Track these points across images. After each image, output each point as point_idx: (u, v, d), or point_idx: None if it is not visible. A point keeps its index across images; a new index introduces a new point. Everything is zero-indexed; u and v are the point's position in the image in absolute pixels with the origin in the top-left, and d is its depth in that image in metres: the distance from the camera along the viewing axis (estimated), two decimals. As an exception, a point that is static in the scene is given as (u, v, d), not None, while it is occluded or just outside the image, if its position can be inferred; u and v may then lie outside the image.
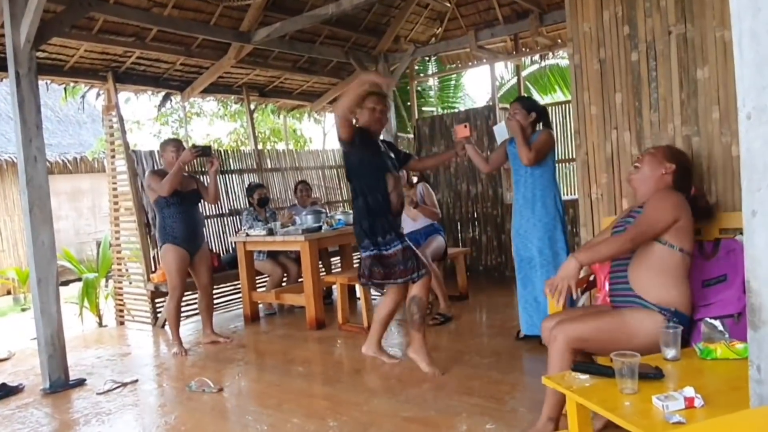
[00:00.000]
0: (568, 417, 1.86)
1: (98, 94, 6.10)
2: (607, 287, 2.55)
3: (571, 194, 6.82)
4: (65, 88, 6.42)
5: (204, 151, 4.27)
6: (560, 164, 6.96)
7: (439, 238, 5.09)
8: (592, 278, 2.88)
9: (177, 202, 4.27)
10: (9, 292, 9.80)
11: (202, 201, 4.53)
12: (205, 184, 4.53)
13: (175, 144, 4.40)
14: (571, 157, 6.74)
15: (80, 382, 3.87)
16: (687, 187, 2.41)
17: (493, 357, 3.68)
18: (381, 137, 3.66)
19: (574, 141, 3.36)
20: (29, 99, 3.74)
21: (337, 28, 6.45)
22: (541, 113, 3.82)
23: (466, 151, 3.68)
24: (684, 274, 2.24)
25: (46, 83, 5.68)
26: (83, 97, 6.39)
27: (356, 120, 3.50)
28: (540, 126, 3.80)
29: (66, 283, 8.07)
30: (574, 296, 2.30)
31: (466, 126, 3.59)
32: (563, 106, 6.91)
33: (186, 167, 4.32)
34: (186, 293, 5.47)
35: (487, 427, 2.69)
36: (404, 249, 3.44)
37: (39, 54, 4.02)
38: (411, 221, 5.13)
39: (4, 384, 3.79)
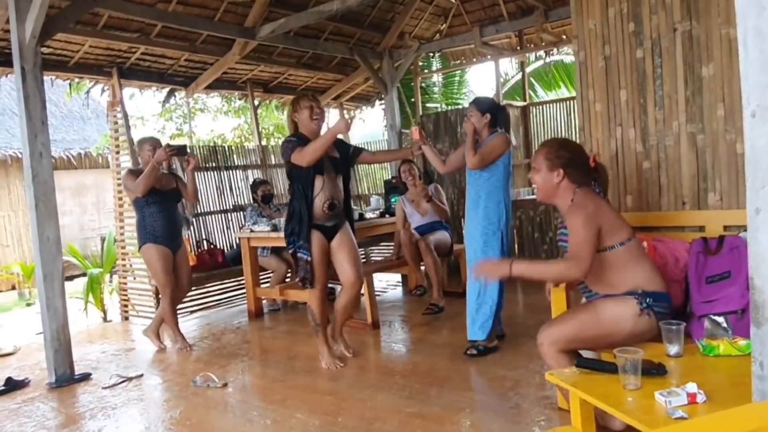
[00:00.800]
0: (572, 412, 1.87)
1: (103, 90, 6.12)
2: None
3: (575, 191, 6.80)
4: (70, 84, 6.43)
5: (179, 151, 4.15)
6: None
7: (445, 233, 5.27)
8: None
9: (157, 200, 4.20)
10: (14, 287, 9.86)
11: (182, 200, 4.48)
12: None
13: (152, 143, 4.29)
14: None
15: (85, 377, 3.90)
16: (585, 174, 2.39)
17: (496, 353, 3.69)
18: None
19: (578, 138, 3.36)
20: (34, 94, 3.75)
21: (342, 24, 6.45)
22: (497, 114, 3.68)
23: (422, 151, 3.68)
24: (636, 259, 2.26)
25: (51, 79, 5.70)
26: (88, 92, 6.41)
27: (294, 123, 3.61)
28: (499, 130, 3.66)
29: (71, 279, 8.10)
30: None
31: (416, 129, 3.64)
32: (567, 102, 6.90)
33: (164, 165, 4.25)
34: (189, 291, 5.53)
35: (490, 423, 2.70)
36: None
37: (44, 50, 4.04)
38: (419, 216, 5.25)
39: (9, 378, 3.82)
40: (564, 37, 6.44)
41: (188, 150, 4.32)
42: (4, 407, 3.47)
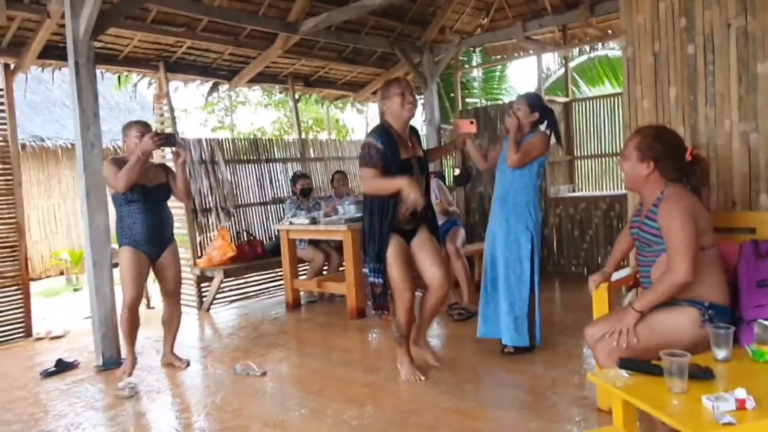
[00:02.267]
0: (614, 414, 1.85)
1: (150, 83, 6.28)
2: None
3: (617, 189, 6.68)
4: (119, 77, 6.63)
5: (167, 140, 3.54)
6: (608, 158, 6.83)
7: (461, 229, 5.08)
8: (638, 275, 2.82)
9: (138, 198, 3.56)
10: (62, 273, 10.23)
11: (171, 197, 3.79)
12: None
13: (139, 128, 3.62)
14: (618, 151, 6.59)
15: (131, 361, 4.02)
16: (679, 169, 2.25)
17: (533, 351, 3.66)
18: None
19: (623, 135, 3.29)
20: (87, 88, 3.88)
21: (383, 19, 6.46)
22: (545, 115, 3.58)
23: (465, 146, 3.59)
24: (712, 268, 2.18)
25: (101, 72, 5.87)
26: (135, 85, 6.58)
27: (383, 111, 3.28)
28: (541, 128, 3.58)
29: (115, 266, 8.35)
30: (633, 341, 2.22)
31: (472, 122, 3.44)
32: (612, 98, 6.75)
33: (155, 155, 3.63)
34: (229, 278, 5.64)
35: (527, 421, 2.69)
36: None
37: (96, 44, 4.16)
38: None
39: (60, 360, 3.98)
40: (610, 31, 6.30)
41: (178, 140, 3.64)
42: (56, 387, 3.62)
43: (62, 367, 3.92)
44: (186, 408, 3.21)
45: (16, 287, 4.90)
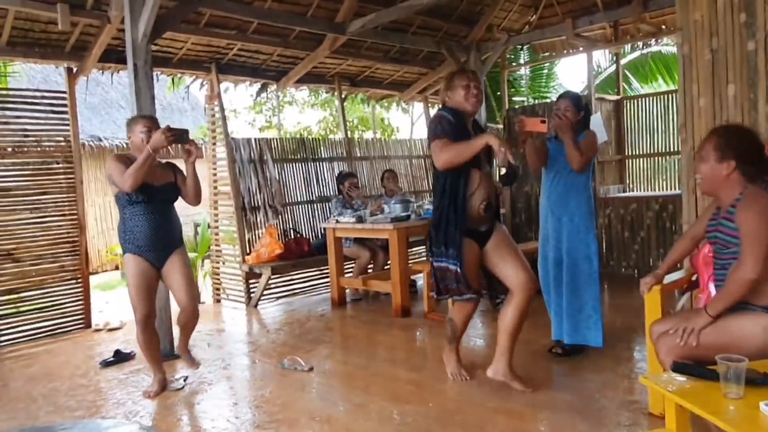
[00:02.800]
0: (666, 419, 1.81)
1: (202, 85, 6.47)
2: (711, 289, 2.44)
3: (670, 189, 6.49)
4: (172, 79, 6.85)
5: (180, 136, 3.21)
6: (661, 157, 6.64)
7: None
8: (694, 278, 2.75)
9: (143, 199, 3.21)
10: (117, 268, 10.65)
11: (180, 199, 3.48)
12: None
13: (146, 122, 3.34)
14: (672, 150, 6.40)
15: (183, 353, 4.16)
16: (759, 169, 2.18)
17: (581, 353, 3.60)
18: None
19: (678, 134, 3.20)
20: (145, 90, 4.04)
21: (430, 18, 6.46)
22: (587, 114, 3.55)
23: (525, 144, 3.35)
24: None
25: (157, 74, 6.09)
26: (188, 87, 6.79)
27: (445, 102, 3.05)
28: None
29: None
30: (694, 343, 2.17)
31: (544, 121, 3.03)
32: (666, 96, 6.56)
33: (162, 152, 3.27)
34: (276, 275, 5.76)
35: (574, 424, 2.65)
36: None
37: (152, 47, 4.31)
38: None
39: (118, 351, 4.16)
40: (664, 27, 6.12)
41: (188, 137, 3.32)
42: (114, 376, 3.79)
43: (120, 357, 4.09)
44: (236, 400, 3.30)
45: (76, 281, 5.13)
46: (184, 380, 3.58)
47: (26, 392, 3.55)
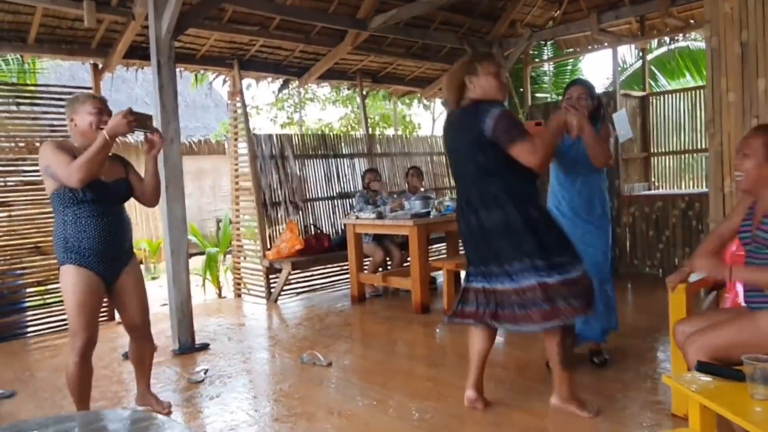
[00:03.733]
0: (690, 419, 1.77)
1: (224, 81, 6.52)
2: (738, 288, 2.37)
3: (697, 187, 6.36)
4: (195, 75, 6.92)
5: (142, 122, 2.67)
6: (687, 155, 6.51)
7: None
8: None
9: (93, 198, 2.62)
10: (141, 262, 10.78)
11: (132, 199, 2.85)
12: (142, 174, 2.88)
13: (98, 103, 2.70)
14: (698, 147, 6.27)
15: (204, 347, 4.21)
16: None
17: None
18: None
19: (705, 130, 3.13)
20: (168, 85, 4.08)
21: (452, 14, 6.41)
22: (601, 104, 3.25)
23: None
24: None
25: (180, 71, 6.15)
26: (211, 83, 6.85)
27: (471, 89, 2.63)
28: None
29: (190, 256, 8.75)
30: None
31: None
32: (693, 92, 6.42)
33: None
34: (296, 270, 5.78)
35: (595, 423, 2.61)
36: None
37: (175, 44, 4.35)
38: None
39: (140, 342, 4.18)
40: (692, 21, 5.99)
41: (152, 124, 2.82)
42: (136, 368, 3.84)
43: (142, 349, 4.12)
44: (256, 394, 3.33)
45: (101, 273, 5.20)
46: (204, 373, 3.62)
47: (51, 382, 3.62)
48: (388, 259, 5.91)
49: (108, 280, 2.72)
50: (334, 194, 6.66)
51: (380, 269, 5.86)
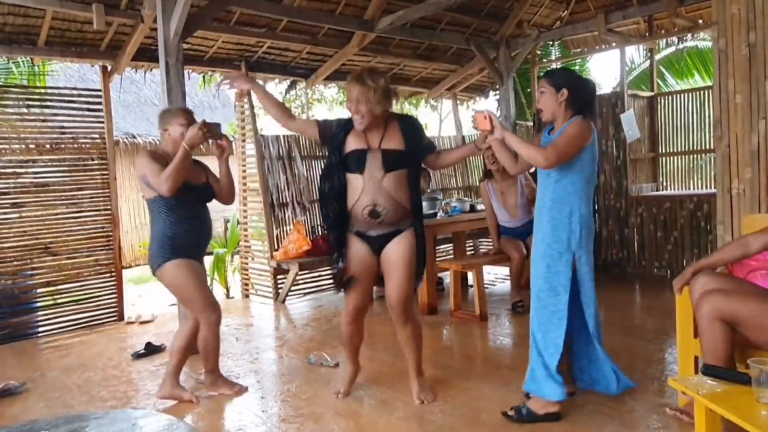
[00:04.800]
0: (696, 422, 1.77)
1: (232, 82, 6.54)
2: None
3: (705, 188, 6.33)
4: (203, 77, 6.96)
5: (214, 132, 3.01)
6: (696, 155, 6.47)
7: None
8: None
9: (190, 200, 3.02)
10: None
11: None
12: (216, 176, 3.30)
13: (186, 115, 3.09)
14: (707, 148, 6.24)
15: (212, 347, 4.24)
16: None
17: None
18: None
19: (713, 131, 3.12)
20: (176, 87, 4.11)
21: (459, 15, 6.41)
22: (578, 92, 2.63)
23: (488, 144, 2.76)
24: None
25: (188, 72, 6.18)
26: (218, 84, 6.88)
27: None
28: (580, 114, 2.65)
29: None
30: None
31: (486, 116, 2.61)
32: (701, 92, 6.39)
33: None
34: (304, 271, 5.79)
35: (602, 425, 2.61)
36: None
37: (183, 46, 4.38)
38: (507, 214, 4.95)
39: (149, 343, 4.25)
40: (701, 21, 5.96)
41: (221, 130, 3.14)
42: (145, 368, 3.88)
43: (151, 349, 4.18)
44: (263, 394, 3.34)
45: (110, 274, 5.27)
46: (213, 373, 3.65)
47: (62, 382, 3.66)
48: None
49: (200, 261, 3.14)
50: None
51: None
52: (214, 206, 3.33)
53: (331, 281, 6.22)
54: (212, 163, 3.39)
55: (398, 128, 2.88)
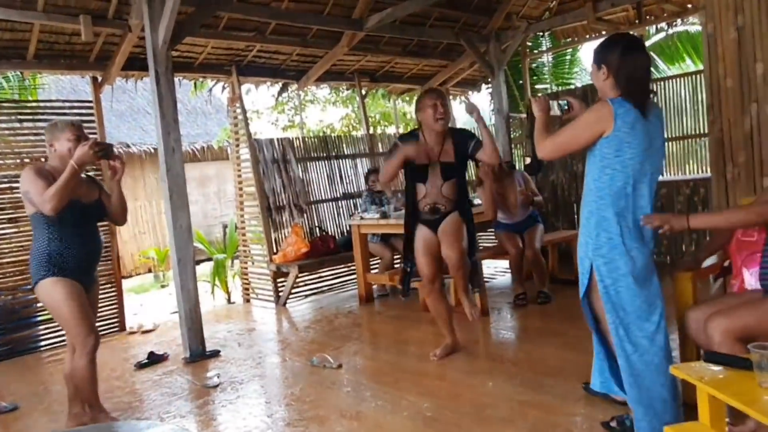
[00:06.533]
0: (699, 409, 1.77)
1: (223, 88, 6.53)
2: (745, 275, 2.37)
3: (702, 172, 6.32)
4: (195, 83, 6.93)
5: (106, 152, 2.84)
6: (690, 140, 6.47)
7: (540, 226, 5.06)
8: (727, 264, 2.68)
9: (75, 218, 2.83)
10: (150, 270, 10.88)
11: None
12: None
13: (74, 130, 2.89)
14: (702, 132, 6.24)
15: (215, 353, 4.23)
16: None
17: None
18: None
19: (706, 116, 3.12)
20: (167, 95, 4.10)
21: (447, 10, 6.39)
22: (620, 69, 2.20)
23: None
24: None
25: (179, 80, 6.16)
26: (210, 90, 6.87)
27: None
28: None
29: (198, 263, 8.78)
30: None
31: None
32: (693, 77, 6.39)
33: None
34: (303, 273, 5.79)
35: (606, 415, 2.61)
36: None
37: (173, 53, 4.36)
38: (508, 215, 4.99)
39: (152, 352, 4.24)
40: (689, 6, 5.96)
41: (115, 151, 2.96)
42: (149, 378, 3.87)
43: (154, 359, 4.18)
44: (268, 398, 3.35)
45: (110, 285, 5.25)
46: (218, 377, 3.66)
47: (65, 395, 3.63)
48: (397, 257, 5.91)
49: (84, 285, 2.90)
50: (338, 195, 6.67)
51: (395, 266, 5.87)
52: (211, 212, 3.30)
53: (332, 282, 6.27)
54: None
55: (452, 143, 3.56)
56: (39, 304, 4.88)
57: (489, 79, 7.20)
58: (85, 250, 2.89)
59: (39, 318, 4.92)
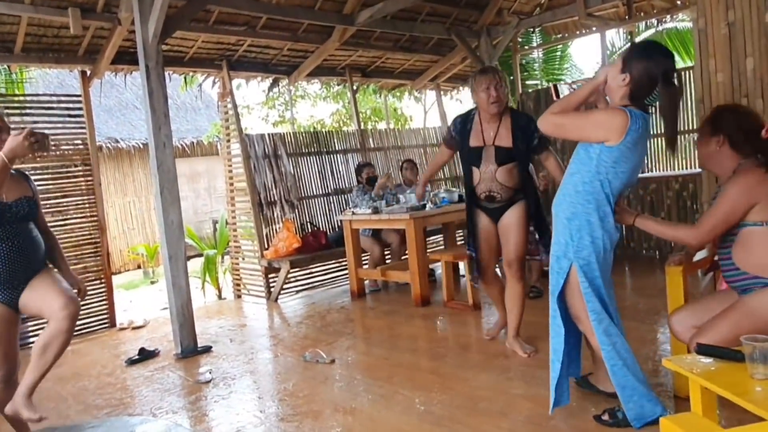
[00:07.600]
0: (692, 400, 1.79)
1: (214, 82, 6.49)
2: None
3: (691, 168, 6.38)
4: (185, 78, 6.89)
5: (42, 143, 2.35)
6: (681, 135, 6.50)
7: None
8: (716, 258, 2.70)
9: (3, 219, 2.41)
10: (139, 267, 10.81)
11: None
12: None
13: None
14: (690, 128, 6.28)
15: (207, 349, 4.22)
16: (754, 142, 2.12)
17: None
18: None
19: (696, 111, 3.15)
20: (157, 90, 4.06)
21: (438, 5, 6.39)
22: (643, 79, 2.15)
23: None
24: None
25: (169, 74, 6.11)
26: (200, 85, 6.82)
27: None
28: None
29: (188, 259, 8.74)
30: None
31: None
32: (684, 73, 6.42)
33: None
34: (295, 268, 5.78)
35: (600, 408, 2.63)
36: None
37: (163, 47, 4.32)
38: None
39: (143, 349, 4.22)
40: (679, 2, 5.99)
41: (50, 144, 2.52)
42: (140, 374, 3.85)
43: (145, 355, 4.16)
44: (260, 394, 3.34)
45: (100, 281, 5.22)
46: (210, 372, 3.65)
47: (56, 392, 3.63)
48: (387, 252, 5.91)
49: (16, 303, 2.47)
50: (329, 191, 6.66)
51: (387, 260, 5.87)
52: (202, 208, 3.29)
53: (324, 278, 6.27)
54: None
55: (509, 125, 3.26)
56: None
57: (480, 75, 7.19)
58: (14, 258, 2.43)
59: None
